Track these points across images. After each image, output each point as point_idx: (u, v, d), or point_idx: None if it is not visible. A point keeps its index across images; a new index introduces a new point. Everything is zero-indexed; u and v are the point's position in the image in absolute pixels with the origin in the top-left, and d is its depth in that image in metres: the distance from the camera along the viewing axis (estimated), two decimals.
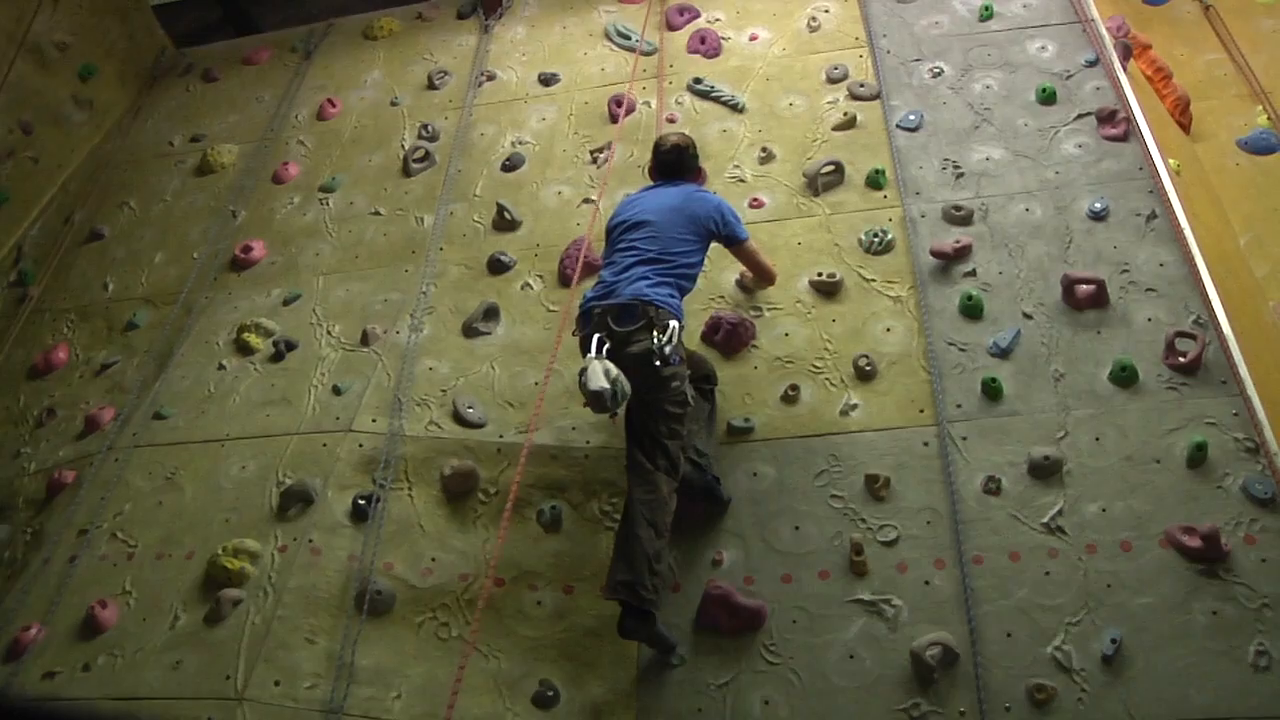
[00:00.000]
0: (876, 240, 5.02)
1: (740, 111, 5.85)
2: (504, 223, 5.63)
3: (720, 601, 4.06)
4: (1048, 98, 5.40)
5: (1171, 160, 5.09)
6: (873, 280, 4.92)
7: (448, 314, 5.30)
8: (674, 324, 4.03)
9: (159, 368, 5.54)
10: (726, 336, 4.80)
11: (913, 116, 5.51)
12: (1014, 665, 3.75)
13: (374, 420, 4.82)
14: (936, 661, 3.78)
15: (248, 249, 5.98)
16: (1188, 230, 4.66)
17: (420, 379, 5.00)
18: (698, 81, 6.03)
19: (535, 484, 4.54)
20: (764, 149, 5.57)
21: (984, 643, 3.81)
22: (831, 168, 5.33)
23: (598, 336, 4.00)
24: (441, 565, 4.40)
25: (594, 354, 3.94)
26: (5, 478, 5.39)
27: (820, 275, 4.93)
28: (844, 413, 4.51)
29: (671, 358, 3.96)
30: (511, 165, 5.96)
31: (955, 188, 5.16)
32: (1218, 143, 5.83)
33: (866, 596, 4.01)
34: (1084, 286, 4.58)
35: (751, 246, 4.55)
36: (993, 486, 4.15)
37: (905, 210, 5.11)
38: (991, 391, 4.39)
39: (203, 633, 4.23)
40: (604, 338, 4.01)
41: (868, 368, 4.59)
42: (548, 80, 6.42)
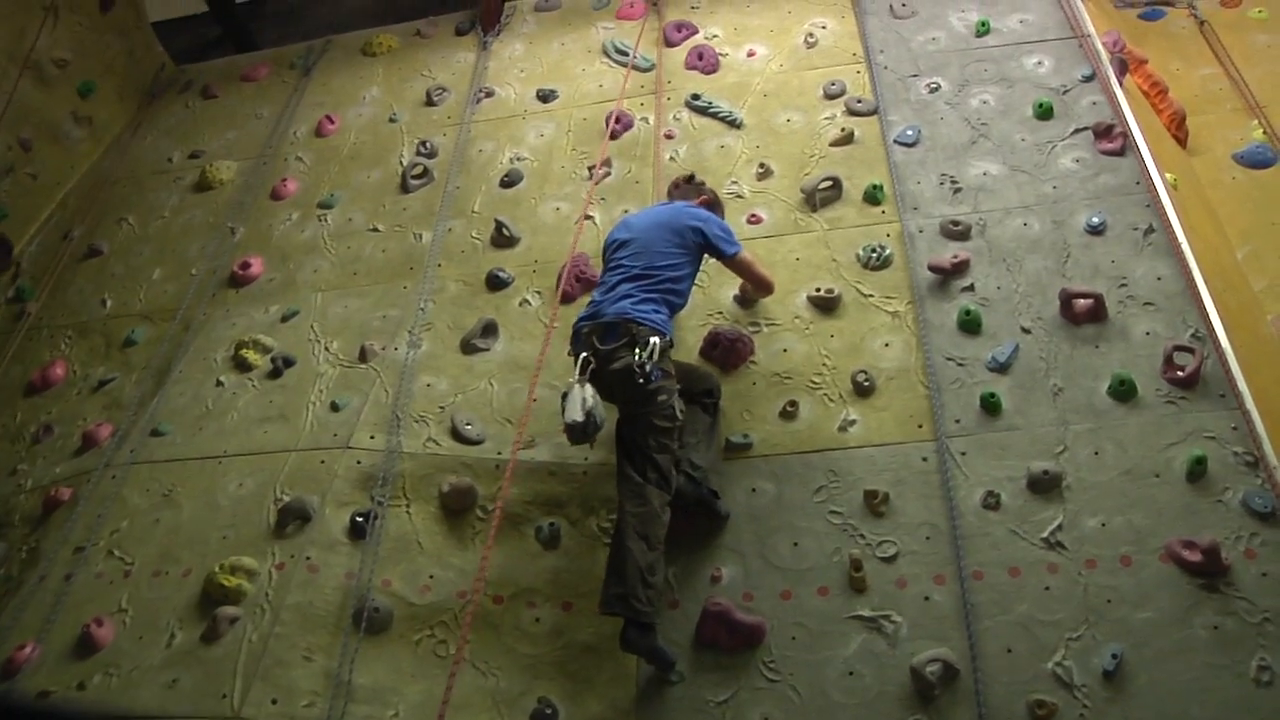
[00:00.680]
0: (874, 255, 5.02)
1: (738, 127, 5.86)
2: (502, 239, 5.63)
3: (719, 618, 4.04)
4: (1044, 113, 5.41)
5: (1168, 174, 5.10)
6: (871, 295, 4.92)
7: (446, 330, 5.30)
8: (655, 340, 4.03)
9: (157, 384, 5.53)
10: (724, 352, 4.79)
11: (910, 132, 5.52)
12: (1014, 681, 3.73)
13: (372, 437, 4.81)
14: (937, 678, 3.77)
15: (246, 265, 5.98)
16: (1185, 244, 4.66)
17: (418, 395, 4.99)
18: (695, 97, 6.04)
19: (533, 500, 4.54)
20: (762, 165, 5.58)
21: (984, 658, 3.79)
22: (829, 183, 5.33)
23: (583, 356, 4.05)
24: (439, 582, 4.38)
25: (577, 379, 4.00)
26: (1, 495, 5.37)
27: (818, 291, 4.93)
28: (843, 428, 4.51)
29: (653, 373, 3.97)
30: (510, 181, 5.96)
31: (953, 203, 5.17)
32: (1214, 157, 5.84)
33: (866, 613, 4.00)
34: (1082, 301, 4.58)
35: (744, 258, 4.54)
36: (992, 501, 4.14)
37: (903, 225, 5.11)
38: (990, 406, 4.39)
39: (199, 651, 4.21)
40: (589, 357, 4.05)
41: (866, 383, 4.59)
42: (546, 96, 6.43)
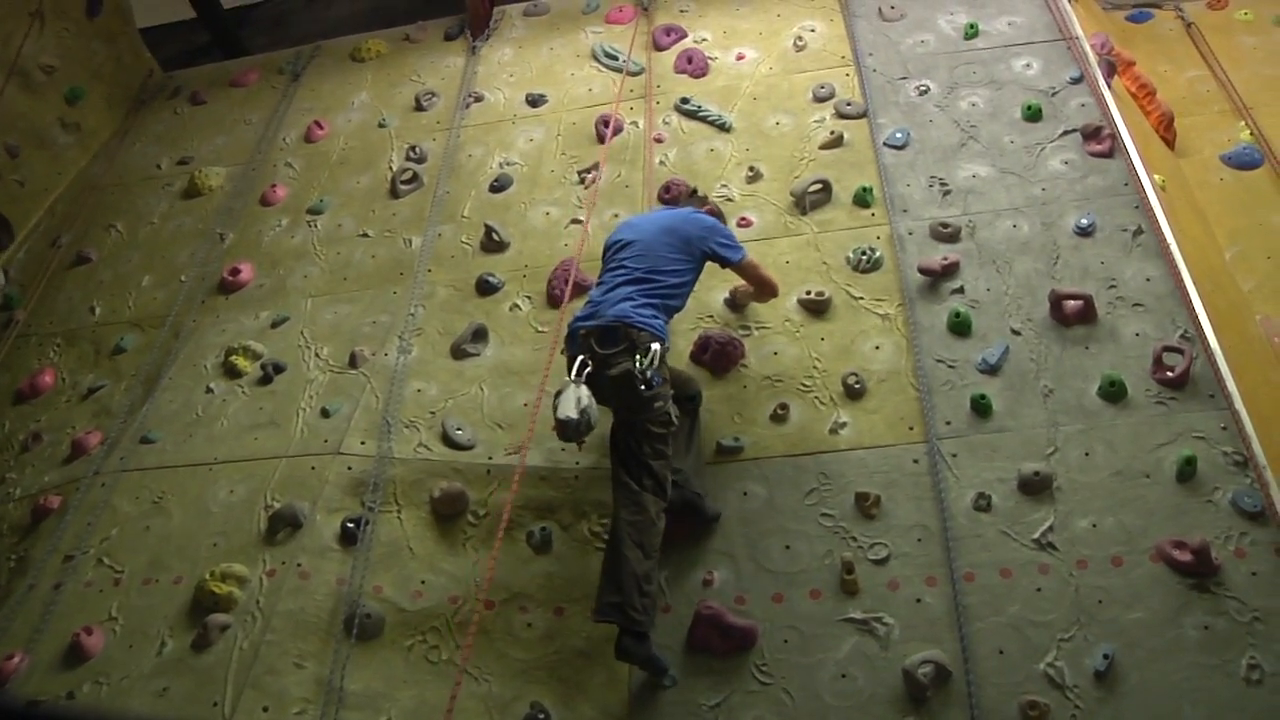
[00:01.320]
0: (864, 258, 5.03)
1: (727, 131, 5.86)
2: (492, 244, 5.63)
3: (711, 622, 4.04)
4: (1033, 115, 5.43)
5: (1157, 176, 5.12)
6: (861, 298, 4.92)
7: (436, 336, 5.29)
8: (655, 346, 3.99)
9: (146, 391, 5.51)
10: (715, 356, 4.79)
11: (899, 134, 5.53)
12: (1006, 682, 3.74)
13: (362, 443, 4.80)
14: (929, 679, 3.77)
15: (235, 271, 5.97)
16: (1174, 245, 4.69)
17: (409, 401, 4.98)
18: (685, 101, 6.05)
19: (525, 505, 4.52)
20: (751, 168, 5.58)
21: (976, 660, 3.80)
22: (819, 186, 5.34)
23: (580, 358, 3.99)
24: (431, 588, 4.37)
25: (572, 378, 3.94)
26: None
27: (809, 294, 4.93)
28: (833, 431, 4.51)
29: (653, 380, 3.93)
30: (499, 186, 5.96)
31: (942, 205, 5.18)
32: (1202, 158, 5.88)
33: (858, 615, 4.00)
34: (1071, 302, 4.59)
35: (750, 262, 4.50)
36: (983, 503, 4.15)
37: (893, 228, 5.12)
38: (981, 408, 4.40)
39: (190, 659, 4.21)
40: (586, 360, 3.99)
41: (857, 386, 4.59)
42: (535, 101, 6.43)
